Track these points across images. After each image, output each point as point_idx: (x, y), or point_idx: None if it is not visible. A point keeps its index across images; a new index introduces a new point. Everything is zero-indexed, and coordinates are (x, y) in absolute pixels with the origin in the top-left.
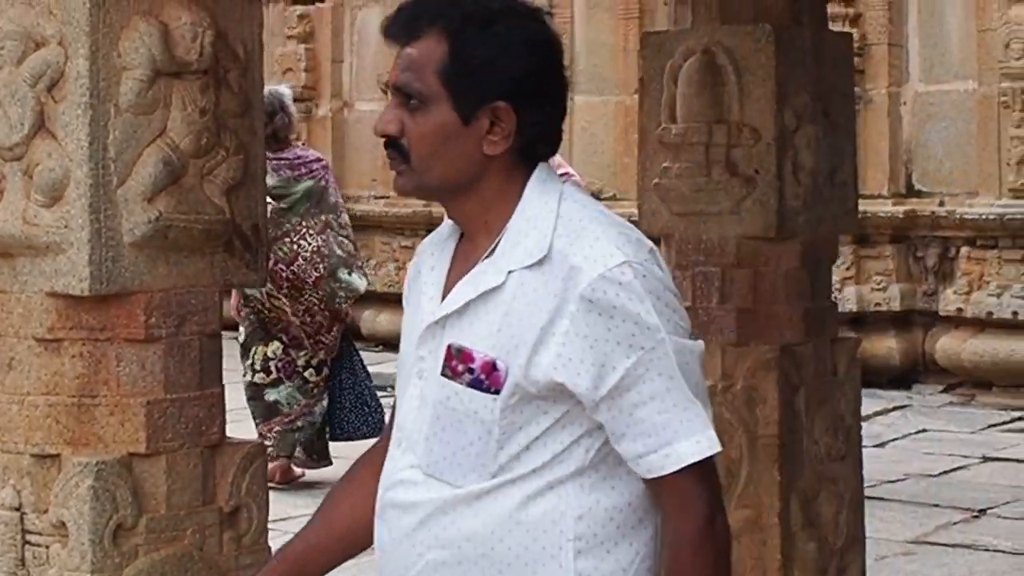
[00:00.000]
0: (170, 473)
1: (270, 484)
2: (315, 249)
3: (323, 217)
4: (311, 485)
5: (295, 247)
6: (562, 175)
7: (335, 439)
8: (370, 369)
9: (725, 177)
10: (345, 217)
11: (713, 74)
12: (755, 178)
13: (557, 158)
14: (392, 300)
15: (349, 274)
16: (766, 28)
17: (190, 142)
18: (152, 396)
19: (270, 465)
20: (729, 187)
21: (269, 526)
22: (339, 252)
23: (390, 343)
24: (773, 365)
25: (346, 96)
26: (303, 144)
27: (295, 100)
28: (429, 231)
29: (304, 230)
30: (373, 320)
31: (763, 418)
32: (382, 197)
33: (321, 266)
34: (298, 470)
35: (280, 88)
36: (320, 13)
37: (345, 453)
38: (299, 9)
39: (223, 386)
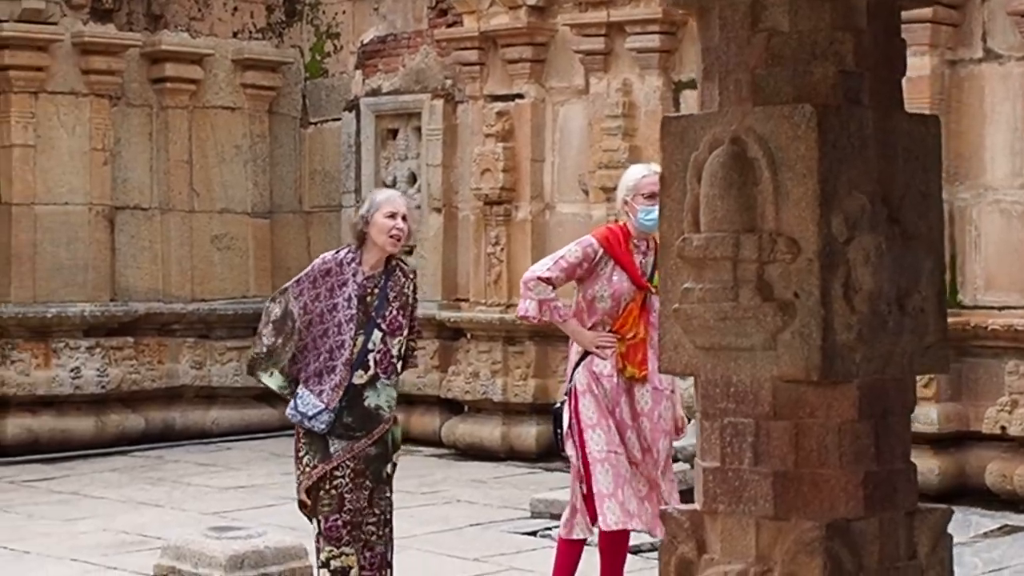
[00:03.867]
0: None
1: None
2: None
3: None
4: None
5: None
6: None
7: None
8: None
9: (757, 302)
10: None
11: (742, 170)
12: (794, 303)
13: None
14: None
15: None
16: (807, 110)
17: None
18: None
19: None
20: (761, 315)
21: None
22: None
23: None
24: (819, 546)
25: (547, 198)
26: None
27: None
28: None
29: None
30: None
31: None
32: None
33: None
34: None
35: (383, 195)
36: (519, 110)
37: None
38: (497, 106)
39: None
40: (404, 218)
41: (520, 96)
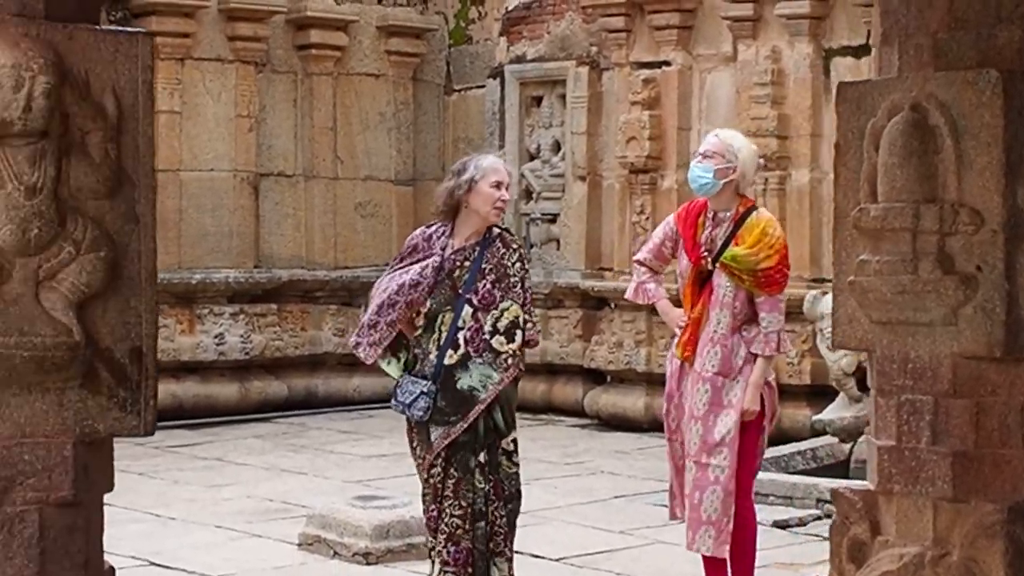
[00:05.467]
0: None
1: None
2: None
3: None
4: None
5: None
6: None
7: None
8: None
9: (937, 275)
10: None
11: (923, 138)
12: (977, 277)
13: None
14: None
15: None
16: (992, 76)
17: (12, 234)
18: None
19: None
20: (942, 289)
21: None
22: None
23: None
24: (999, 530)
25: None
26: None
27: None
28: None
29: None
30: None
31: None
32: None
33: None
34: None
35: (488, 161)
36: (666, 77)
37: None
38: (644, 73)
39: None
40: (508, 187)
41: (667, 63)
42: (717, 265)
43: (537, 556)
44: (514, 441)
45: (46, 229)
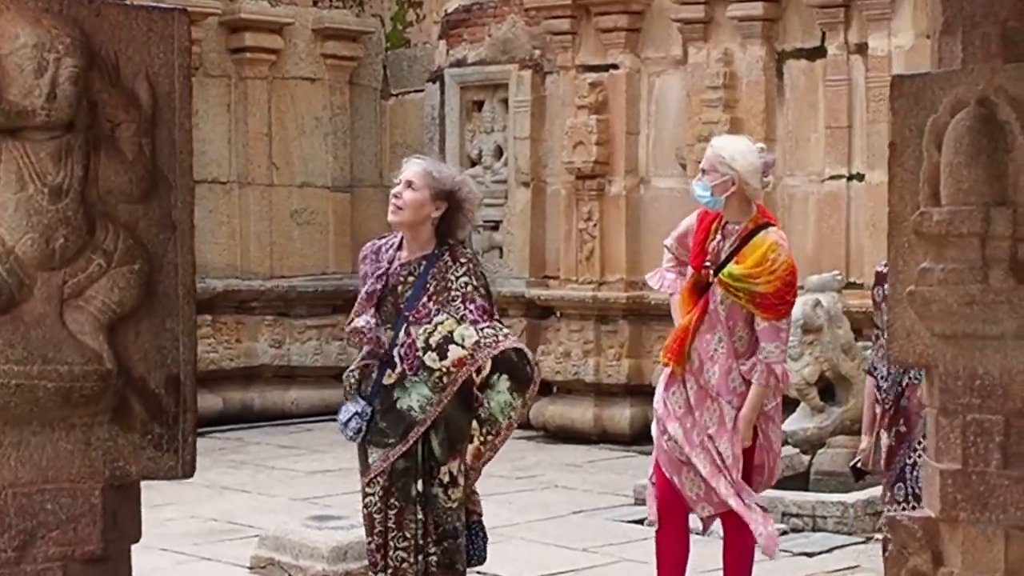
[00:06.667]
0: None
1: None
2: None
3: None
4: None
5: None
6: None
7: None
8: None
9: (1009, 284)
10: None
11: (992, 135)
12: None
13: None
14: None
15: None
16: None
17: (34, 243)
18: None
19: None
20: (1016, 299)
21: None
22: None
23: None
24: None
25: (642, 172)
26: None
27: None
28: None
29: None
30: None
31: None
32: None
33: None
34: None
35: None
36: (614, 81)
37: None
38: (590, 76)
39: None
40: (411, 184)
41: (614, 67)
42: (716, 278)
43: None
44: (451, 472)
45: (73, 238)
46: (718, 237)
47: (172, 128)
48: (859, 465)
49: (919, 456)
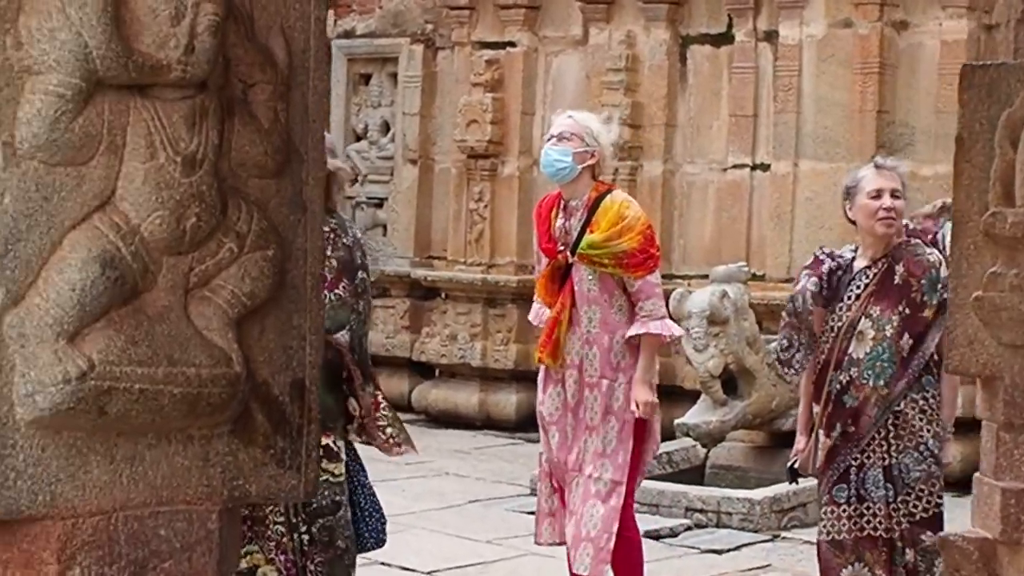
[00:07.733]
0: None
1: None
2: None
3: None
4: None
5: None
6: None
7: None
8: None
9: None
10: None
11: None
12: None
13: None
14: None
15: None
16: None
17: (163, 222)
18: None
19: None
20: None
21: None
22: None
23: None
24: None
25: (536, 153)
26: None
27: None
28: None
29: None
30: None
31: None
32: None
33: None
34: None
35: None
36: (511, 59)
37: None
38: (487, 54)
39: None
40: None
41: (512, 44)
42: (575, 257)
43: (407, 569)
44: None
45: (206, 217)
46: (560, 218)
47: (306, 92)
48: (795, 466)
49: (867, 457)
